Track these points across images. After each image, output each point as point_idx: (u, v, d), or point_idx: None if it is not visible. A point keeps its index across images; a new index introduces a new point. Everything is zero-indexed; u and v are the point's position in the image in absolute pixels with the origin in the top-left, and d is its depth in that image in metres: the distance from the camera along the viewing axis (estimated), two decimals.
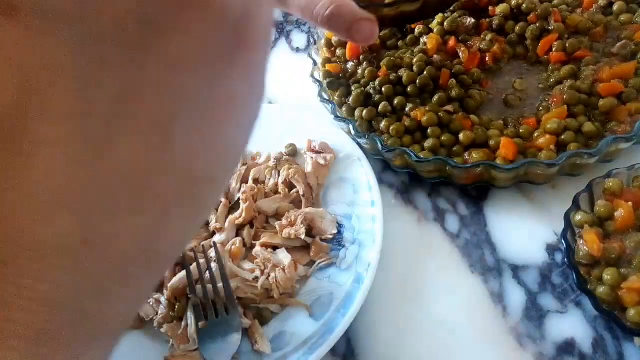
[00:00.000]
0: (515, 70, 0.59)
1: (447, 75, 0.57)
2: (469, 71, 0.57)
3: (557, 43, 0.56)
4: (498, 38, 0.59)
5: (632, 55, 0.54)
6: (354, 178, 0.55)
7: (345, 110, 0.59)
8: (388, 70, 0.59)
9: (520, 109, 0.55)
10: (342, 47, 0.64)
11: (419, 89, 0.57)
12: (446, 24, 0.61)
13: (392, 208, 0.56)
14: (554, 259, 0.48)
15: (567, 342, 0.44)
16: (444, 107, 0.55)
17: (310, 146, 0.59)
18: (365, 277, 0.47)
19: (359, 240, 0.50)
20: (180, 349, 0.48)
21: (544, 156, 0.49)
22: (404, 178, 0.58)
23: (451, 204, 0.55)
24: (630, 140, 0.47)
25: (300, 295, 0.50)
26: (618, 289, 0.41)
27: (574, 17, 0.57)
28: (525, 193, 0.53)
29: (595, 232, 0.43)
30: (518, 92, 0.56)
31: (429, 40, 0.60)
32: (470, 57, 0.58)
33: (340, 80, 0.62)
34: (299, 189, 0.56)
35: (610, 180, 0.46)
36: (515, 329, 0.45)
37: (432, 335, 0.46)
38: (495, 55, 0.58)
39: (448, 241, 0.52)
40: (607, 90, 0.51)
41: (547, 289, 0.47)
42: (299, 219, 0.52)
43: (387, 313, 0.48)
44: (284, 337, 0.47)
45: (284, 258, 0.51)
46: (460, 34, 0.61)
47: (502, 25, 0.60)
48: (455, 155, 0.52)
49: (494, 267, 0.49)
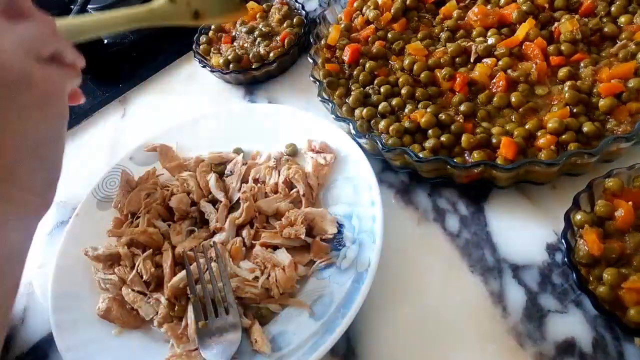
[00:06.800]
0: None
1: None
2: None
3: (552, 47, 0.56)
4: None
5: (632, 55, 0.54)
6: (354, 178, 0.55)
7: (345, 110, 0.59)
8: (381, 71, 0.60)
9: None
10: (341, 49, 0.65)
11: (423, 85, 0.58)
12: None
13: (392, 208, 0.56)
14: (554, 259, 0.48)
15: (567, 341, 0.44)
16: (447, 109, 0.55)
17: (310, 146, 0.59)
18: (365, 277, 0.47)
19: (359, 240, 0.50)
20: (180, 348, 0.48)
21: (544, 156, 0.49)
22: (404, 178, 0.58)
23: (451, 204, 0.55)
24: (630, 140, 0.47)
25: (300, 295, 0.50)
26: (618, 288, 0.41)
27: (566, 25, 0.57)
28: (525, 193, 0.53)
29: (595, 231, 0.43)
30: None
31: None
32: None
33: (340, 80, 0.62)
34: (299, 189, 0.56)
35: (610, 180, 0.46)
36: (515, 329, 0.45)
37: (432, 335, 0.46)
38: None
39: (448, 241, 0.52)
40: (607, 90, 0.51)
41: (547, 289, 0.47)
42: (299, 219, 0.52)
43: (387, 313, 0.48)
44: (284, 337, 0.47)
45: (284, 258, 0.51)
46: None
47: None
48: (455, 155, 0.52)
49: (494, 267, 0.49)
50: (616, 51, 0.55)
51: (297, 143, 0.61)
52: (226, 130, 0.65)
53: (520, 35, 0.58)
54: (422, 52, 0.61)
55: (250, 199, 0.55)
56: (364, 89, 0.60)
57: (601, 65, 0.54)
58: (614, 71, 0.52)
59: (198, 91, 0.78)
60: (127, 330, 0.51)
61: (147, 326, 0.52)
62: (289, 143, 0.61)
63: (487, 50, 0.58)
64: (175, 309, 0.51)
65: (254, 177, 0.59)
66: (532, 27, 0.58)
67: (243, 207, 0.55)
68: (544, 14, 0.60)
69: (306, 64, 0.66)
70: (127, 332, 0.51)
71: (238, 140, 0.64)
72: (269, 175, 0.59)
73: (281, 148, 0.61)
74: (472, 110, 0.54)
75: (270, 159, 0.60)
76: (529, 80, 0.55)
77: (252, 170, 0.60)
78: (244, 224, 0.55)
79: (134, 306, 0.52)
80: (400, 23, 0.65)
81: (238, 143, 0.64)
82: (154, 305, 0.52)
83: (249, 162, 0.61)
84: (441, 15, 0.65)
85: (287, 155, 0.60)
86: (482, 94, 0.55)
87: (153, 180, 0.61)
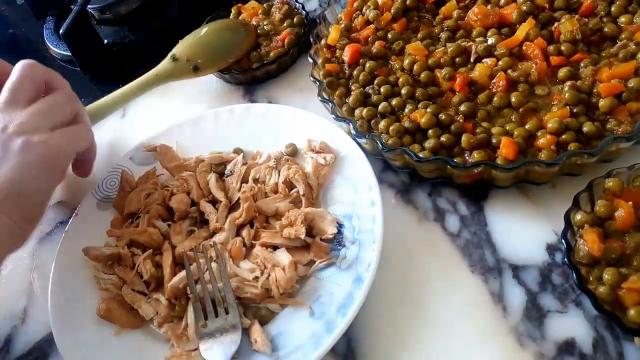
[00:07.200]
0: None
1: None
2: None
3: (552, 47, 0.56)
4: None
5: (632, 55, 0.54)
6: (354, 178, 0.55)
7: (345, 110, 0.59)
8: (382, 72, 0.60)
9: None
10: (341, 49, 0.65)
11: (424, 85, 0.58)
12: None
13: (392, 208, 0.56)
14: (554, 259, 0.48)
15: (568, 341, 0.44)
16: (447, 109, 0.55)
17: (310, 146, 0.59)
18: (365, 277, 0.47)
19: (359, 240, 0.50)
20: (180, 348, 0.48)
21: (544, 156, 0.49)
22: (404, 178, 0.58)
23: (451, 204, 0.55)
24: (630, 140, 0.47)
25: (300, 295, 0.50)
26: (618, 288, 0.41)
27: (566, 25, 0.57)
28: (525, 193, 0.53)
29: (595, 231, 0.43)
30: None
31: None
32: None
33: (340, 80, 0.62)
34: (299, 189, 0.56)
35: (610, 180, 0.46)
36: (515, 329, 0.45)
37: (432, 335, 0.46)
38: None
39: (448, 241, 0.52)
40: (607, 90, 0.51)
41: (547, 289, 0.47)
42: (299, 219, 0.52)
43: (387, 313, 0.48)
44: (284, 337, 0.47)
45: (284, 258, 0.51)
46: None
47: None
48: (455, 155, 0.52)
49: (494, 267, 0.49)
50: (616, 51, 0.55)
51: (297, 143, 0.61)
52: (226, 130, 0.65)
53: (520, 35, 0.58)
54: (422, 52, 0.61)
55: (250, 199, 0.55)
56: (364, 89, 0.60)
57: (601, 65, 0.54)
58: (614, 71, 0.52)
59: (198, 91, 0.77)
60: (127, 330, 0.51)
61: (147, 326, 0.52)
62: (289, 143, 0.61)
63: (487, 50, 0.58)
64: (175, 309, 0.51)
65: (254, 177, 0.59)
66: (532, 27, 0.58)
67: (243, 207, 0.55)
68: (544, 14, 0.60)
69: (306, 64, 0.66)
70: (127, 332, 0.51)
71: (238, 140, 0.64)
72: (269, 175, 0.59)
73: (281, 148, 0.61)
74: (472, 110, 0.54)
75: (270, 159, 0.60)
76: (529, 80, 0.55)
77: (252, 171, 0.60)
78: (244, 224, 0.55)
79: (134, 306, 0.52)
80: (400, 23, 0.65)
81: (238, 143, 0.64)
82: (154, 305, 0.52)
83: (249, 162, 0.61)
84: (441, 15, 0.65)
85: (287, 155, 0.60)
86: (482, 94, 0.55)
87: (153, 180, 0.61)
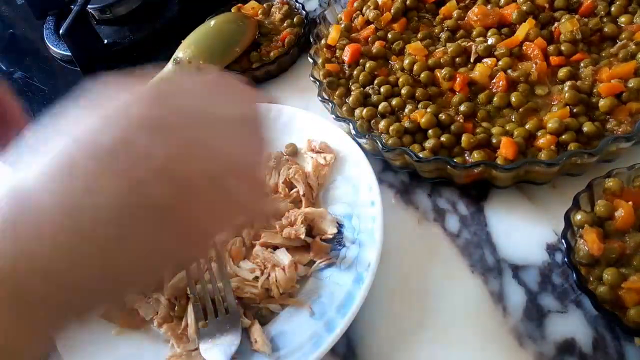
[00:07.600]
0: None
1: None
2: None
3: (552, 47, 0.56)
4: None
5: (632, 55, 0.54)
6: (354, 178, 0.55)
7: (345, 110, 0.59)
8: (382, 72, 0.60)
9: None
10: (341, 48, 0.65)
11: (424, 85, 0.58)
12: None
13: (392, 208, 0.56)
14: (554, 259, 0.48)
15: (567, 342, 0.44)
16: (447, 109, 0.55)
17: (310, 146, 0.59)
18: (365, 277, 0.47)
19: (359, 240, 0.50)
20: (180, 348, 0.48)
21: (544, 156, 0.49)
22: (404, 178, 0.58)
23: (451, 204, 0.55)
24: (630, 140, 0.47)
25: (300, 295, 0.49)
26: (618, 288, 0.41)
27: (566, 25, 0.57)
28: (525, 193, 0.53)
29: (595, 231, 0.43)
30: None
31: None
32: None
33: (340, 80, 0.62)
34: (299, 189, 0.56)
35: (610, 180, 0.46)
36: (515, 329, 0.45)
37: (432, 335, 0.46)
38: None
39: (448, 241, 0.52)
40: (607, 90, 0.51)
41: (547, 289, 0.47)
42: (299, 219, 0.52)
43: (387, 313, 0.48)
44: (284, 337, 0.47)
45: (284, 258, 0.51)
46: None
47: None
48: (455, 155, 0.52)
49: (494, 267, 0.49)
50: (616, 51, 0.55)
51: (297, 143, 0.61)
52: None
53: (520, 35, 0.58)
54: (422, 52, 0.61)
55: None
56: (364, 89, 0.60)
57: (601, 65, 0.54)
58: (614, 71, 0.52)
59: None
60: (127, 330, 0.51)
61: (147, 326, 0.52)
62: (289, 143, 0.61)
63: (487, 50, 0.58)
64: (175, 309, 0.51)
65: None
66: (532, 27, 0.58)
67: None
68: (544, 14, 0.60)
69: (306, 64, 0.66)
70: (127, 332, 0.51)
71: None
72: (269, 175, 0.58)
73: (281, 148, 0.61)
74: (472, 110, 0.54)
75: (270, 159, 0.60)
76: (529, 80, 0.55)
77: None
78: None
79: (133, 306, 0.52)
80: (400, 23, 0.65)
81: None
82: (154, 305, 0.51)
83: None
84: (441, 15, 0.65)
85: (287, 155, 0.60)
86: (482, 94, 0.55)
87: None
